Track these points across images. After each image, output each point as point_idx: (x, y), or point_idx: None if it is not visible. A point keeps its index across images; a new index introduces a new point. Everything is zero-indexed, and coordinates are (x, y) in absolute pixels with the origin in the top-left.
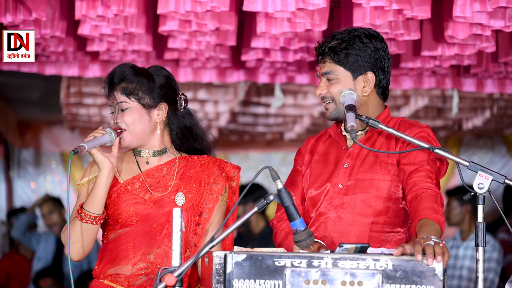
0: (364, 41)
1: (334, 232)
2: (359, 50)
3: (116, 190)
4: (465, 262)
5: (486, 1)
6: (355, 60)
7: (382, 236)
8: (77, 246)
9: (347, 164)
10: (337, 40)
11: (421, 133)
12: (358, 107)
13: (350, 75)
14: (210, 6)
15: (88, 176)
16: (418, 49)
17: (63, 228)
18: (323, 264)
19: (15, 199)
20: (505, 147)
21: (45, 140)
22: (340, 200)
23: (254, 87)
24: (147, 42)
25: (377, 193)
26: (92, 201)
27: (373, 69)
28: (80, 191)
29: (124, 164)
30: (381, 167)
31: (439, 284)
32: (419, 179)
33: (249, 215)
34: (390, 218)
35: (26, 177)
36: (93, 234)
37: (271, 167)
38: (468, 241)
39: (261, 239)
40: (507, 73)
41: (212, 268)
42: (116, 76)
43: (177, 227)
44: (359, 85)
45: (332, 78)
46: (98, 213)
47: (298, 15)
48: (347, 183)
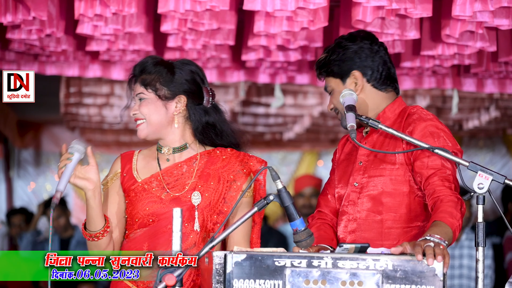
0: (342, 45)
1: (354, 231)
2: (338, 55)
3: (133, 189)
4: (464, 261)
5: (488, 0)
6: (338, 66)
7: (396, 232)
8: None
9: (362, 162)
10: (324, 54)
11: (428, 127)
12: (358, 107)
13: (340, 81)
14: (210, 5)
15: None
16: (418, 48)
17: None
18: (323, 264)
19: (15, 199)
20: (505, 147)
21: (45, 140)
22: (356, 198)
23: (254, 87)
24: (147, 41)
25: (386, 189)
26: (89, 220)
27: (358, 68)
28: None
29: (144, 162)
30: (389, 163)
31: (439, 284)
32: (439, 184)
33: (249, 215)
34: (402, 214)
35: (26, 177)
36: (102, 246)
37: (271, 167)
38: (460, 241)
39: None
40: (507, 73)
41: (212, 268)
42: (137, 68)
43: (177, 227)
44: (351, 86)
45: (330, 90)
46: (97, 230)
47: (298, 14)
48: (362, 181)
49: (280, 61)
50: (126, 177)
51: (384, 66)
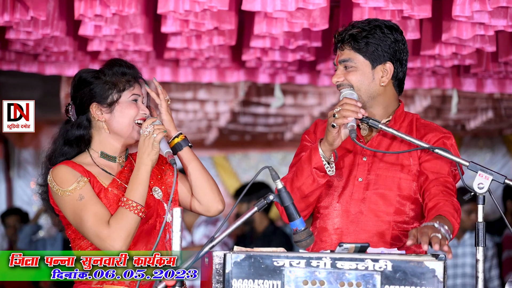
0: (384, 31)
1: (354, 226)
2: (379, 39)
3: (104, 196)
4: (467, 260)
5: (486, 1)
6: (375, 49)
7: (401, 234)
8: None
9: (366, 157)
10: (358, 28)
11: (444, 139)
12: (375, 97)
13: (369, 64)
14: (209, 5)
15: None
16: (418, 48)
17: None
18: (322, 265)
19: (15, 199)
20: (505, 147)
21: (45, 140)
22: (361, 194)
23: (254, 87)
24: (147, 42)
25: (399, 192)
26: (144, 195)
27: (392, 60)
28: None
29: (97, 169)
30: (403, 166)
31: (439, 286)
32: (443, 191)
33: (249, 215)
34: (410, 218)
35: (26, 177)
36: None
37: (271, 167)
38: (464, 239)
39: (264, 238)
40: (507, 73)
41: (212, 268)
42: None
43: (177, 227)
44: (377, 74)
45: (350, 66)
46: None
47: (297, 14)
48: (367, 177)
49: (280, 61)
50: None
51: (406, 69)
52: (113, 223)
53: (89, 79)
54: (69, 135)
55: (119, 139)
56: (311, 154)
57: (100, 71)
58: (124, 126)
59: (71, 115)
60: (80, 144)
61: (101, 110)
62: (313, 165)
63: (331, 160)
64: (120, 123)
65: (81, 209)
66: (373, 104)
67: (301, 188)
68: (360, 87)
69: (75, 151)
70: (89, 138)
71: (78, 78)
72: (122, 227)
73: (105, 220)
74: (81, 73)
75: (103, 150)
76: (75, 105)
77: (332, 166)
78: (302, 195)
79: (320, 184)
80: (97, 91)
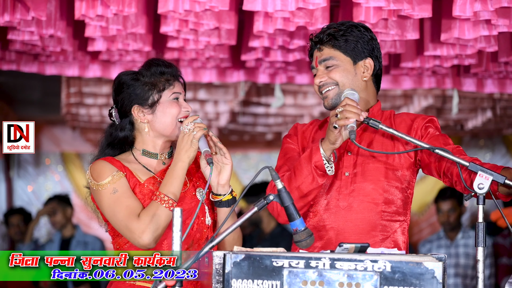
0: (361, 30)
1: (345, 221)
2: (357, 36)
3: (139, 191)
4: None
5: (488, 1)
6: (355, 46)
7: (390, 225)
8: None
9: (351, 152)
10: (334, 28)
11: (433, 122)
12: (362, 96)
13: (350, 61)
14: (209, 5)
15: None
16: (418, 49)
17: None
18: (321, 265)
19: (15, 199)
20: (505, 147)
21: (45, 140)
22: (349, 188)
23: (254, 87)
24: (147, 42)
25: (386, 182)
26: (179, 189)
27: (371, 56)
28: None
29: (138, 165)
30: (387, 156)
31: (438, 286)
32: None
33: (249, 215)
34: (398, 207)
35: (26, 177)
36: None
37: (271, 167)
38: (456, 240)
39: (272, 239)
40: (507, 73)
41: (212, 268)
42: None
43: (177, 227)
44: (359, 70)
45: (331, 64)
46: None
47: (298, 14)
48: (353, 171)
49: (280, 61)
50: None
51: (382, 65)
52: (143, 216)
53: (128, 81)
54: (113, 137)
55: (160, 137)
56: (311, 153)
57: (138, 73)
58: (168, 126)
59: (115, 119)
60: (123, 146)
61: (143, 111)
62: (313, 163)
63: (330, 160)
64: (163, 123)
65: (114, 202)
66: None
67: (299, 188)
68: (344, 82)
69: (117, 153)
70: (133, 139)
71: (117, 81)
72: (152, 220)
73: (136, 213)
74: (120, 76)
75: (145, 148)
76: (117, 108)
77: (331, 165)
78: (301, 195)
79: (319, 184)
80: (137, 93)
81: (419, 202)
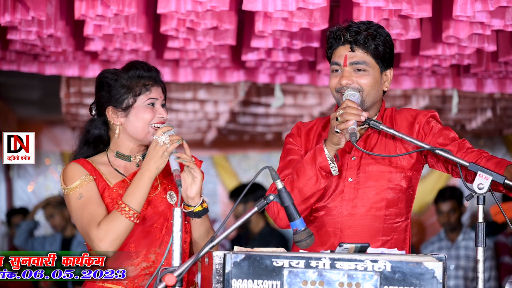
0: (389, 36)
1: (348, 227)
2: (387, 45)
3: (108, 195)
4: (460, 262)
5: (488, 1)
6: (384, 54)
7: (393, 226)
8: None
9: (355, 156)
10: (368, 31)
11: (433, 116)
12: (377, 102)
13: (379, 69)
14: (210, 5)
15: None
16: (418, 48)
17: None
18: (321, 265)
19: (15, 199)
20: (505, 147)
21: (45, 140)
22: (352, 194)
23: (254, 87)
24: (147, 41)
25: (389, 185)
26: (141, 202)
27: (392, 66)
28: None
29: (110, 168)
30: (391, 159)
31: (439, 286)
32: (468, 152)
33: (249, 215)
34: (400, 209)
35: (26, 177)
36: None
37: (271, 167)
38: (457, 241)
39: (261, 239)
40: (507, 73)
41: (212, 268)
42: None
43: (177, 227)
44: (383, 80)
45: (362, 69)
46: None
47: (298, 14)
48: (357, 176)
49: (280, 61)
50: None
51: None
52: (103, 225)
53: (107, 81)
54: (89, 135)
55: (132, 140)
56: (315, 154)
57: (118, 73)
58: (139, 130)
59: (94, 115)
60: (98, 145)
61: (116, 113)
62: (318, 165)
63: (334, 160)
64: (135, 127)
65: (79, 207)
66: (372, 107)
67: (302, 190)
68: (370, 91)
69: (93, 152)
70: (108, 139)
71: (99, 79)
72: (111, 230)
73: (97, 221)
74: (102, 74)
75: (118, 150)
76: (96, 105)
77: (335, 166)
78: (303, 197)
79: (322, 185)
80: (113, 94)
81: (419, 202)
